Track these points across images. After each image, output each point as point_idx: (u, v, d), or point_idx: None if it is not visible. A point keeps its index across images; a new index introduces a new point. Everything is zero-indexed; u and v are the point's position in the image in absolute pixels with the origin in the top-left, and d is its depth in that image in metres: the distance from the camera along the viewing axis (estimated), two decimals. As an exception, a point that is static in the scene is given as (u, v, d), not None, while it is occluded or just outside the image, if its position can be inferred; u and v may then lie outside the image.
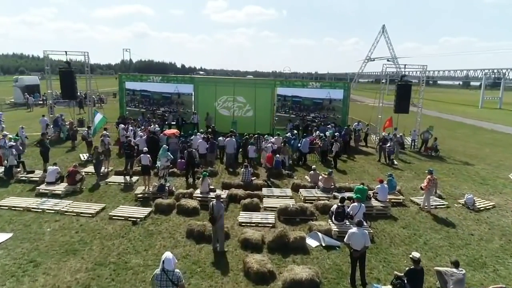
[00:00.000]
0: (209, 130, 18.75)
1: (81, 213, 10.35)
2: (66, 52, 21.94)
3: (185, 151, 13.98)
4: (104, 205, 11.03)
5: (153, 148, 15.81)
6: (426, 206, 11.65)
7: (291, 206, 10.57)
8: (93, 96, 38.77)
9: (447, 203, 12.36)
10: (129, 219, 10.10)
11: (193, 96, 22.95)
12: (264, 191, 12.70)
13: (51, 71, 22.64)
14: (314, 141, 18.32)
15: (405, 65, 22.04)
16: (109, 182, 13.33)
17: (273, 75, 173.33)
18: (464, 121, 38.20)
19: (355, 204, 9.80)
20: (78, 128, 21.18)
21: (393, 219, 10.95)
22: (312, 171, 13.51)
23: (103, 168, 14.58)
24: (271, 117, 23.00)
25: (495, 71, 60.18)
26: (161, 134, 17.09)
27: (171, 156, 13.36)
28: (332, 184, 12.59)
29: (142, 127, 18.75)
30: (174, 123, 22.09)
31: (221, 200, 8.78)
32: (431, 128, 21.73)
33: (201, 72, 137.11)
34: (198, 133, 17.32)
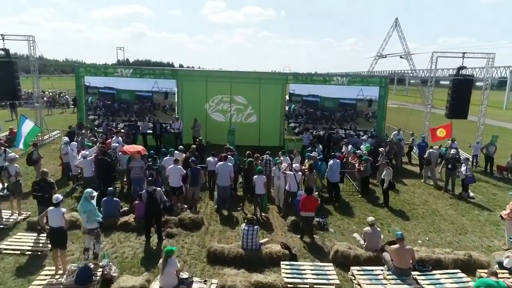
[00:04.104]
0: (193, 146, 12.61)
1: None
2: (3, 36, 16.14)
3: (144, 190, 8.08)
4: None
5: (103, 177, 10.02)
6: None
7: None
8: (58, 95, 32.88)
9: None
10: None
11: (176, 96, 17.03)
12: (284, 268, 6.85)
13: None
14: (347, 161, 12.53)
15: (463, 53, 16.13)
16: (4, 249, 7.41)
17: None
18: (499, 124, 32.25)
19: None
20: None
21: None
22: (369, 227, 7.52)
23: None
24: (281, 124, 17.13)
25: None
26: (119, 153, 11.11)
27: (100, 218, 6.79)
28: (411, 259, 6.71)
29: (95, 140, 12.79)
30: (151, 131, 16.18)
31: None
32: (495, 139, 15.78)
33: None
34: (176, 151, 11.22)
